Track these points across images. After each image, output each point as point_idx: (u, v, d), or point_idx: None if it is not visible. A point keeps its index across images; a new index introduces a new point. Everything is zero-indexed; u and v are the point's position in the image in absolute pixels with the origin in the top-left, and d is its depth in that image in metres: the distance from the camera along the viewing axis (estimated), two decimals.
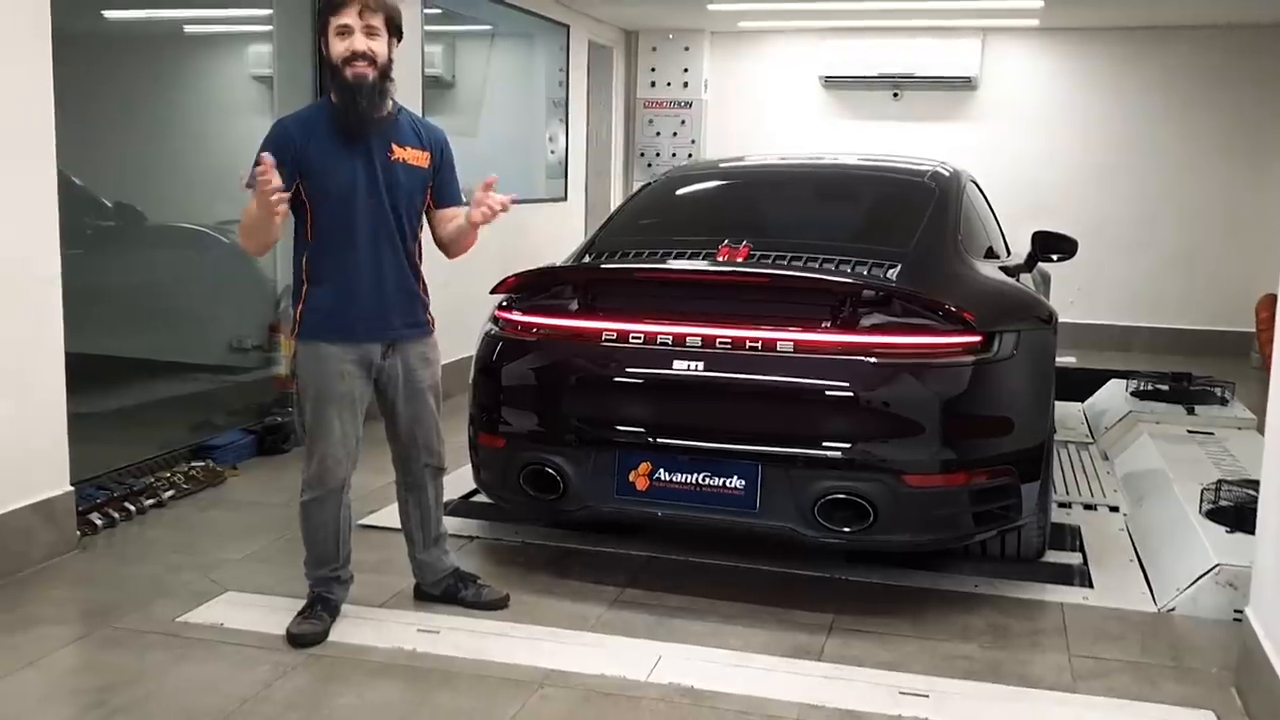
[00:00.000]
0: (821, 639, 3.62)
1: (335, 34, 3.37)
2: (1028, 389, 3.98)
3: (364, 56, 3.35)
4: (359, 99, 3.38)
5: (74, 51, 4.98)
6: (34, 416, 4.11)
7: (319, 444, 3.52)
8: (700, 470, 3.78)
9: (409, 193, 3.54)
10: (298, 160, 3.40)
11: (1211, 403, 6.29)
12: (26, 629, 3.58)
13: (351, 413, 3.53)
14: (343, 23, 3.36)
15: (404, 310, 3.57)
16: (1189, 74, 9.51)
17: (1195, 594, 3.82)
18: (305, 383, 3.53)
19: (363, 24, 3.36)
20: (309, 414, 3.53)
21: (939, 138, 9.73)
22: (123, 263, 5.63)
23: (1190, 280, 9.69)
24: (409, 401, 3.63)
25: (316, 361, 3.49)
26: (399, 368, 3.58)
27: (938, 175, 4.90)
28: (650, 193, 5.21)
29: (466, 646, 3.50)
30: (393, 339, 3.56)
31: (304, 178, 3.41)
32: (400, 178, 3.51)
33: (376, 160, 3.46)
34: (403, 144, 3.52)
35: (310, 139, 3.43)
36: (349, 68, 3.36)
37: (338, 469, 3.55)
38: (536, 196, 8.99)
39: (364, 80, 3.37)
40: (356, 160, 3.44)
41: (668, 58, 10.48)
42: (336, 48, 3.37)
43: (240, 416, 5.81)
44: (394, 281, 3.52)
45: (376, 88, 3.40)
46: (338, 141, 3.44)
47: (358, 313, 3.48)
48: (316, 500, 3.57)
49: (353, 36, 3.35)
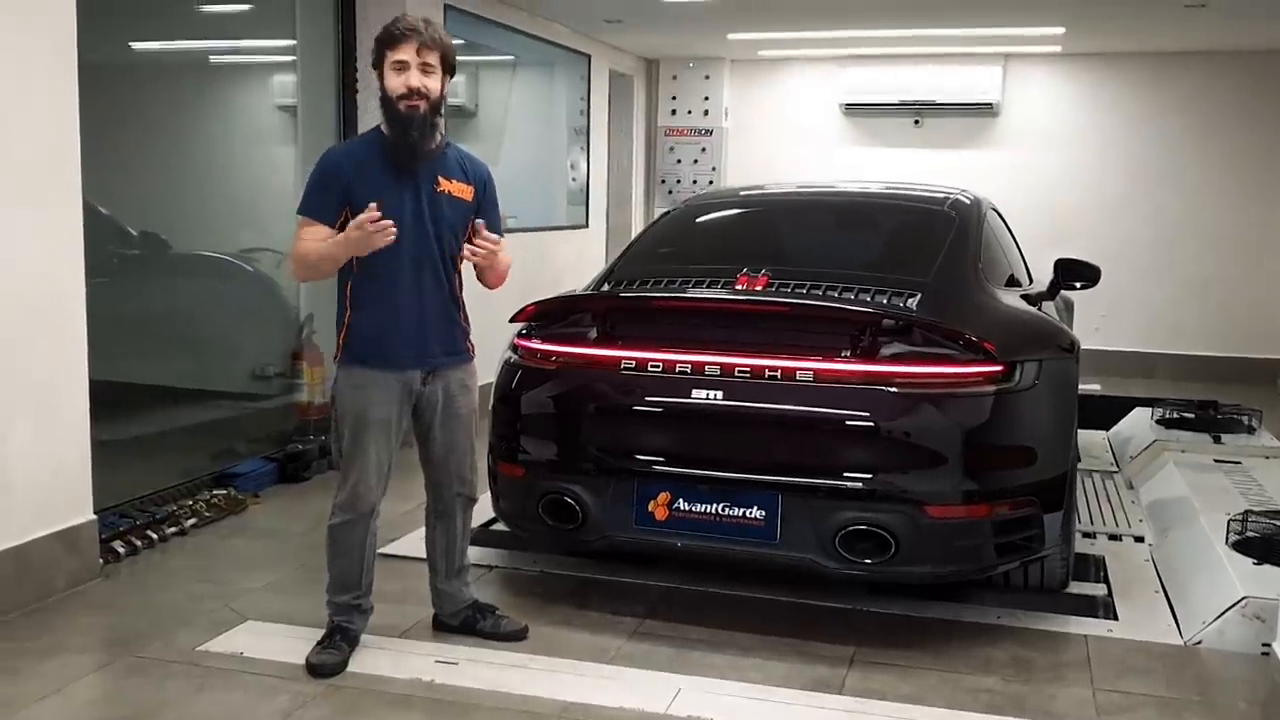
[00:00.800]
0: (843, 672, 3.59)
1: (391, 68, 3.44)
2: (1050, 418, 3.95)
3: (418, 93, 3.42)
4: (410, 131, 3.44)
5: (103, 83, 5.06)
6: (58, 445, 4.13)
7: (354, 469, 3.55)
8: (720, 500, 3.77)
9: (452, 224, 3.58)
10: (346, 189, 3.46)
11: (1238, 431, 6.23)
12: (50, 657, 3.59)
13: (387, 439, 3.56)
14: (400, 59, 3.42)
15: (445, 338, 3.61)
16: (1212, 99, 9.48)
17: (1222, 627, 3.77)
18: (344, 408, 3.55)
19: (419, 61, 3.43)
20: (346, 439, 3.56)
21: (960, 164, 9.72)
22: (148, 291, 5.69)
23: (1215, 306, 9.62)
24: (445, 427, 3.65)
25: (357, 387, 3.52)
26: (439, 393, 3.61)
27: (958, 203, 4.89)
28: (670, 221, 5.22)
29: (485, 678, 3.49)
30: (433, 366, 3.59)
31: (352, 206, 3.46)
32: (445, 209, 3.56)
33: (423, 191, 3.51)
34: (449, 177, 3.58)
35: (360, 169, 3.49)
36: (403, 102, 3.42)
37: (369, 495, 3.57)
38: (558, 224, 9.04)
39: (415, 114, 3.43)
40: (404, 191, 3.49)
41: (688, 86, 10.53)
42: (392, 81, 3.43)
43: (262, 444, 5.83)
44: (436, 310, 3.56)
45: (428, 121, 3.47)
46: (387, 172, 3.49)
47: (400, 340, 3.52)
48: (346, 524, 3.59)
49: (409, 72, 3.42)
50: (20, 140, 3.91)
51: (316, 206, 3.49)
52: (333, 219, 3.46)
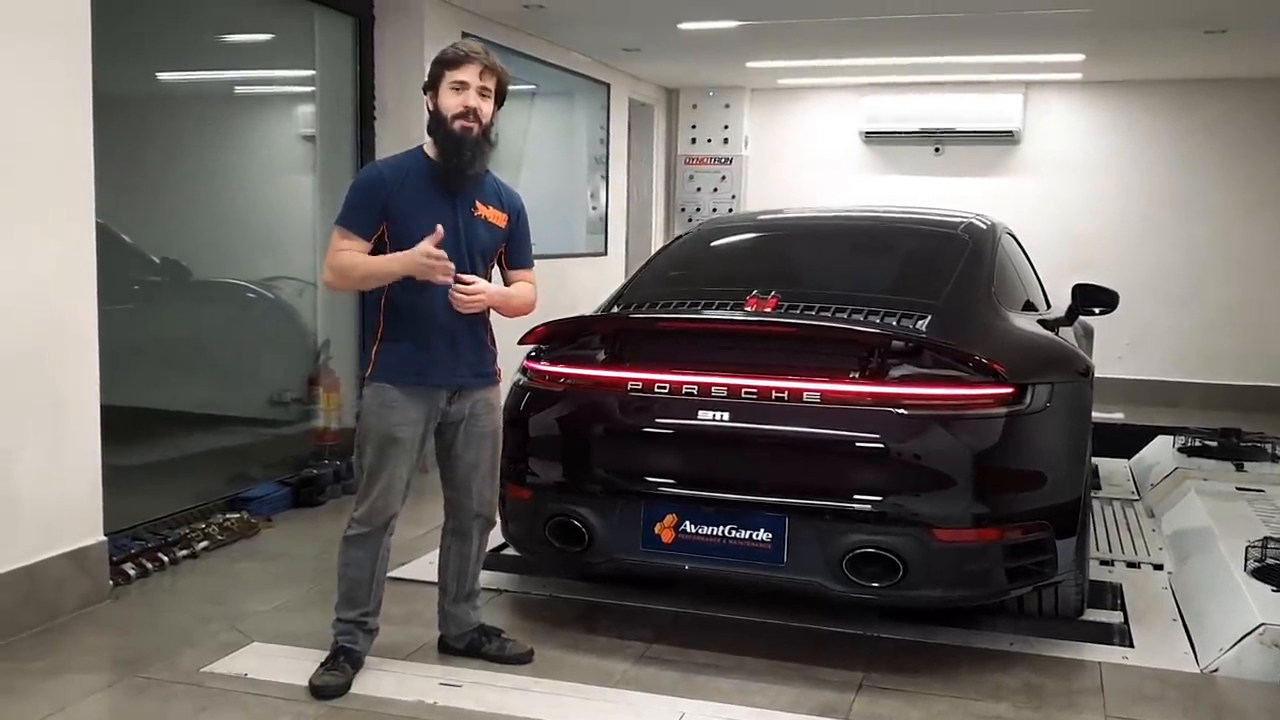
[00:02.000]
0: (850, 697, 3.54)
1: (450, 87, 3.47)
2: (1062, 442, 3.91)
3: (474, 113, 3.46)
4: (463, 152, 3.47)
5: (128, 113, 5.13)
6: (69, 468, 4.16)
7: (375, 485, 3.56)
8: (726, 523, 3.74)
9: (485, 249, 3.62)
10: (386, 205, 3.49)
11: (1261, 459, 6.14)
12: (55, 676, 3.59)
13: (409, 457, 3.57)
14: (460, 79, 3.46)
15: (473, 360, 3.62)
16: (1236, 126, 9.41)
17: (1239, 654, 3.69)
18: (370, 424, 3.56)
19: (479, 84, 3.47)
20: (370, 455, 3.56)
21: (982, 192, 9.67)
22: (169, 317, 5.73)
23: (1242, 334, 9.51)
24: (468, 446, 3.66)
25: (384, 405, 3.54)
26: (464, 412, 3.63)
27: (972, 227, 4.86)
28: (682, 244, 5.21)
29: (488, 701, 3.46)
30: (459, 386, 3.60)
31: (390, 222, 3.49)
32: (480, 233, 3.59)
33: (459, 213, 3.54)
34: (486, 202, 3.61)
35: (402, 185, 3.52)
36: (458, 121, 3.45)
37: (388, 509, 3.59)
38: (577, 251, 9.06)
39: (469, 135, 3.47)
40: (443, 211, 3.50)
41: (708, 114, 10.57)
42: (448, 100, 3.47)
43: (277, 469, 5.85)
44: (465, 332, 3.58)
45: (478, 145, 3.50)
46: (427, 191, 3.52)
47: (429, 360, 3.54)
48: (360, 536, 3.59)
49: (467, 92, 3.46)
50: (34, 165, 3.96)
51: (355, 220, 3.51)
52: (369, 233, 3.50)
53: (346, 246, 3.50)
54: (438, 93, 3.50)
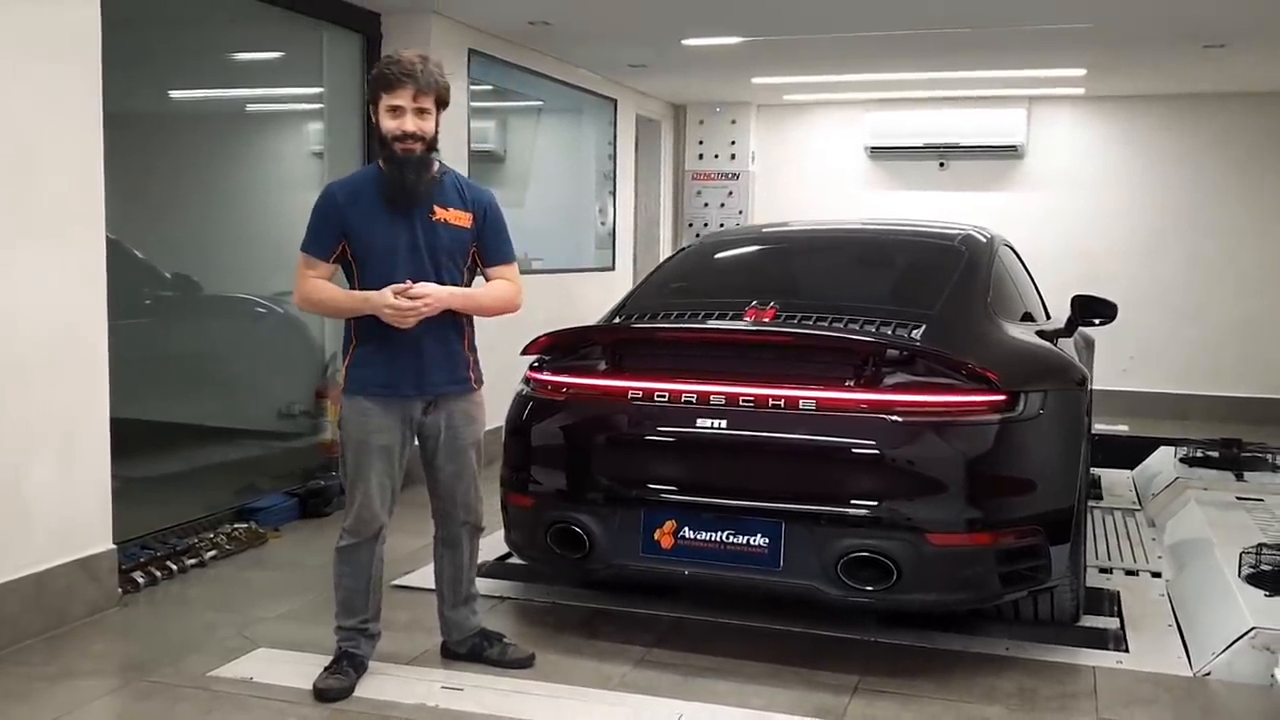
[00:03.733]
0: (846, 700, 3.58)
1: (386, 111, 3.51)
2: (1055, 449, 3.95)
3: (413, 136, 3.50)
4: (407, 173, 3.53)
5: (140, 130, 5.22)
6: (79, 479, 4.23)
7: (358, 494, 3.62)
8: (724, 528, 3.80)
9: (450, 252, 3.64)
10: (341, 223, 3.56)
11: (1262, 469, 6.16)
12: (63, 681, 3.66)
13: (389, 465, 3.62)
14: (396, 103, 3.49)
15: (446, 367, 3.65)
16: (1240, 140, 9.45)
17: (1231, 658, 3.72)
18: (348, 435, 3.63)
19: (415, 105, 3.50)
20: (350, 465, 3.63)
21: (986, 206, 9.70)
22: (179, 331, 5.82)
23: (1248, 347, 9.52)
24: (450, 458, 3.71)
25: (359, 415, 3.60)
26: (441, 424, 3.67)
27: (969, 239, 4.91)
28: (685, 257, 5.29)
29: (489, 704, 3.52)
30: (434, 395, 3.65)
31: (349, 239, 3.57)
32: (442, 237, 3.62)
33: (418, 221, 3.58)
34: (445, 205, 3.64)
35: (355, 202, 3.58)
36: (399, 144, 3.50)
37: (374, 519, 3.63)
38: (585, 266, 9.14)
39: (411, 156, 3.52)
40: (398, 221, 3.57)
41: (715, 130, 10.65)
42: (387, 124, 3.51)
43: (284, 480, 5.92)
44: (434, 339, 3.61)
45: (423, 162, 3.55)
46: (382, 205, 3.57)
47: (399, 369, 3.58)
48: (351, 546, 3.65)
49: (404, 117, 3.49)
50: (45, 179, 4.04)
51: (314, 244, 3.60)
52: (328, 255, 3.58)
53: (312, 273, 3.59)
54: (377, 110, 3.54)
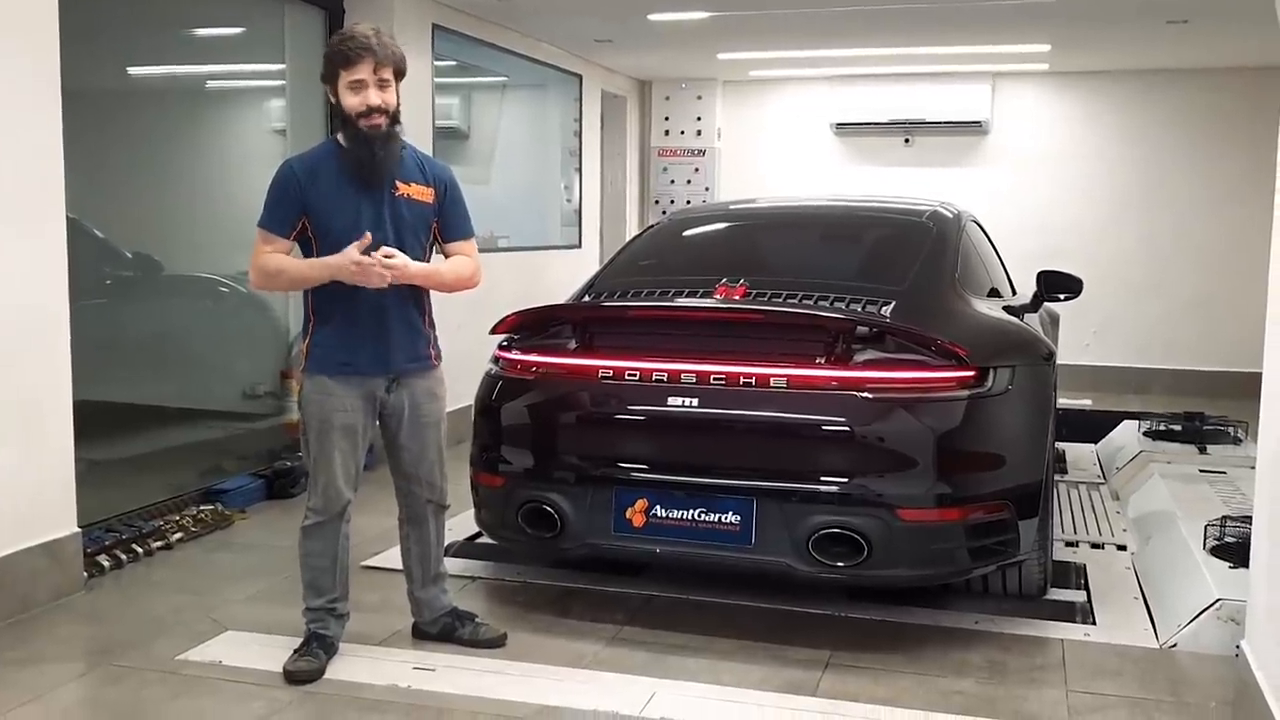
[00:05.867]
0: (817, 675, 3.60)
1: (348, 88, 3.45)
2: (1023, 424, 3.98)
3: (378, 110, 3.45)
4: (375, 150, 3.47)
5: (98, 108, 5.12)
6: (42, 462, 4.17)
7: (322, 472, 3.58)
8: (696, 506, 3.80)
9: (413, 228, 3.61)
10: (302, 200, 3.50)
11: (1225, 442, 6.24)
12: (29, 666, 3.62)
13: (353, 443, 3.59)
14: (357, 78, 3.44)
15: (407, 345, 3.62)
16: (1202, 116, 9.54)
17: (1197, 630, 3.78)
18: (310, 415, 3.59)
19: (376, 78, 3.45)
20: (313, 444, 3.59)
21: (951, 182, 9.76)
22: (142, 311, 5.74)
23: (1208, 322, 9.63)
24: (413, 436, 3.68)
25: (321, 395, 3.55)
26: (404, 401, 3.64)
27: (937, 215, 4.93)
28: (653, 234, 5.27)
29: (462, 684, 3.51)
30: (396, 373, 3.61)
31: (309, 216, 3.51)
32: (404, 213, 3.58)
33: (383, 197, 3.54)
34: (407, 180, 3.59)
35: (316, 179, 3.52)
36: (364, 120, 3.45)
37: (339, 497, 3.60)
38: (551, 244, 9.09)
39: (378, 132, 3.46)
40: (361, 198, 3.52)
41: (681, 106, 10.62)
42: (350, 100, 3.45)
43: (250, 461, 5.87)
44: (397, 316, 3.58)
45: (389, 135, 3.50)
46: (342, 180, 3.52)
47: (361, 348, 3.54)
48: (317, 525, 3.62)
49: (367, 91, 3.44)
50: (3, 161, 3.96)
51: (273, 221, 3.53)
52: (288, 232, 3.52)
53: (270, 249, 3.52)
54: (336, 89, 3.48)
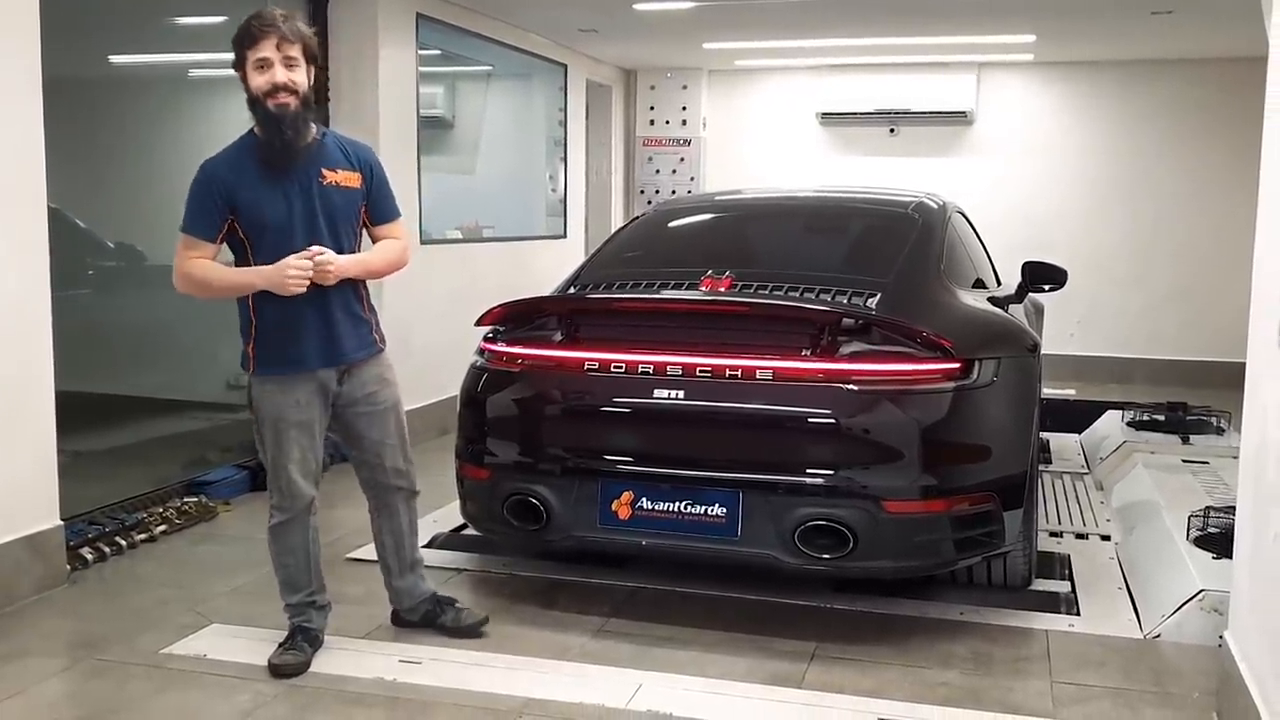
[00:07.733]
0: (803, 666, 3.61)
1: (254, 67, 3.37)
2: (1008, 416, 3.99)
3: (285, 88, 3.36)
4: (284, 130, 3.38)
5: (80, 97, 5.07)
6: (23, 454, 4.14)
7: (282, 470, 3.55)
8: (682, 498, 3.80)
9: (345, 215, 3.55)
10: (228, 199, 3.40)
11: (1208, 432, 6.27)
12: (12, 660, 3.60)
13: (310, 438, 3.55)
14: (261, 56, 3.35)
15: (353, 334, 3.57)
16: (1186, 107, 9.56)
17: (1180, 620, 3.80)
18: (263, 415, 3.54)
19: (281, 55, 3.36)
20: (269, 444, 3.54)
21: (936, 172, 9.77)
22: (125, 301, 5.69)
23: (1190, 312, 9.68)
24: (371, 424, 3.65)
25: (273, 394, 3.50)
26: (357, 391, 3.60)
27: (922, 206, 4.93)
28: (639, 225, 5.26)
29: (447, 676, 3.51)
30: (346, 364, 3.57)
31: (237, 215, 3.41)
32: (335, 200, 3.51)
33: (311, 187, 3.46)
34: (333, 167, 3.52)
35: (239, 176, 3.42)
36: (270, 100, 3.35)
37: (302, 494, 3.56)
38: (537, 234, 9.07)
39: (286, 111, 3.37)
40: (289, 190, 3.43)
41: (666, 96, 10.60)
42: (256, 80, 3.37)
43: (234, 453, 5.84)
44: (340, 306, 3.52)
45: (300, 117, 3.41)
46: (266, 174, 3.43)
47: (307, 342, 3.48)
48: (283, 524, 3.59)
49: (273, 69, 3.35)
50: None
51: (197, 225, 3.41)
52: (214, 235, 3.41)
53: (195, 254, 3.41)
54: (245, 74, 3.39)
